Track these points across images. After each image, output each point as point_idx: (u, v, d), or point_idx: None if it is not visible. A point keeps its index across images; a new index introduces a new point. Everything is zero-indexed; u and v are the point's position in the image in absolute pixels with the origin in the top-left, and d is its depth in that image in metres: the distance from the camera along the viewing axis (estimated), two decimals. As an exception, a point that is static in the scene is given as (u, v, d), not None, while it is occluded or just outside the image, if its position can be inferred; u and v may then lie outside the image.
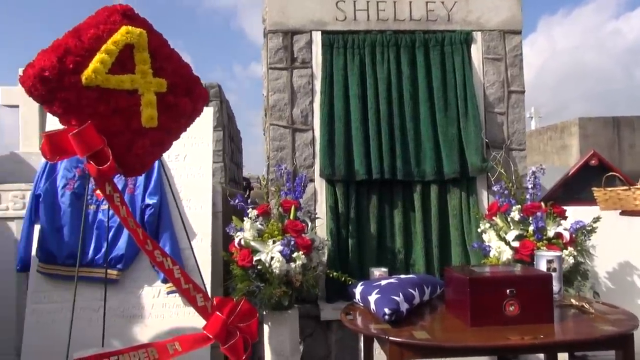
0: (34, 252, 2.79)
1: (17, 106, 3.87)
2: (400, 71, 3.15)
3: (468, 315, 1.81)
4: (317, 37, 3.19)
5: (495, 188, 2.91)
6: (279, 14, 3.18)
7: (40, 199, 2.77)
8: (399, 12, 3.21)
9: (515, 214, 2.74)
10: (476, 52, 3.25)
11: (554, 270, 2.17)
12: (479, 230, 2.91)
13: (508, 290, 1.82)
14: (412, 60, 3.17)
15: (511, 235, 2.72)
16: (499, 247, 2.74)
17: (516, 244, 2.68)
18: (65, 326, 2.63)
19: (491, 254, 2.77)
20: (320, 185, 3.16)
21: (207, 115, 3.06)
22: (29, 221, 2.84)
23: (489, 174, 3.17)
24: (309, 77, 3.19)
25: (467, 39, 3.23)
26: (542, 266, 2.19)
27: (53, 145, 1.60)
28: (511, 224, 2.77)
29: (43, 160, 2.89)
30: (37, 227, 2.82)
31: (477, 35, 3.26)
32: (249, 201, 2.75)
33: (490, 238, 2.81)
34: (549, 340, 1.70)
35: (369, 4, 3.19)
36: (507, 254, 2.69)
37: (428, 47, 3.19)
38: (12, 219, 3.09)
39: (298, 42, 3.20)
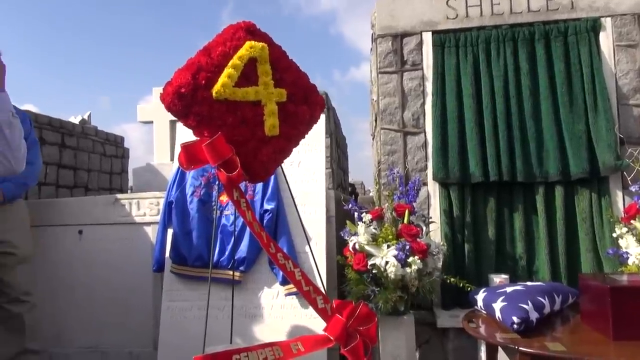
0: (167, 254, 3.06)
1: (151, 122, 4.30)
2: (518, 67, 2.99)
3: (610, 328, 1.65)
4: (427, 38, 3.14)
5: (633, 188, 2.63)
6: (387, 17, 3.18)
7: (173, 206, 3.02)
8: (515, 5, 3.05)
9: (659, 217, 2.46)
10: (605, 39, 2.97)
11: None
12: (614, 235, 2.64)
13: (658, 302, 1.63)
14: (531, 54, 2.99)
15: (655, 240, 2.44)
16: (639, 253, 2.47)
17: (661, 250, 2.39)
18: (195, 322, 2.85)
19: (630, 262, 2.50)
20: (433, 189, 3.09)
21: (320, 123, 3.11)
22: (162, 226, 3.11)
23: (624, 173, 2.87)
24: (420, 79, 3.15)
25: (594, 27, 2.96)
26: (698, 276, 1.93)
27: (189, 155, 1.74)
28: (654, 228, 2.48)
29: (174, 170, 3.16)
30: (169, 231, 3.08)
31: (607, 22, 2.98)
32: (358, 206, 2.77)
33: (628, 244, 2.55)
34: None
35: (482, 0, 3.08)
36: (649, 262, 2.41)
37: (549, 38, 2.98)
38: (148, 224, 3.40)
39: (408, 45, 3.16)
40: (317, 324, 2.39)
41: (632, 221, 2.58)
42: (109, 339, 3.34)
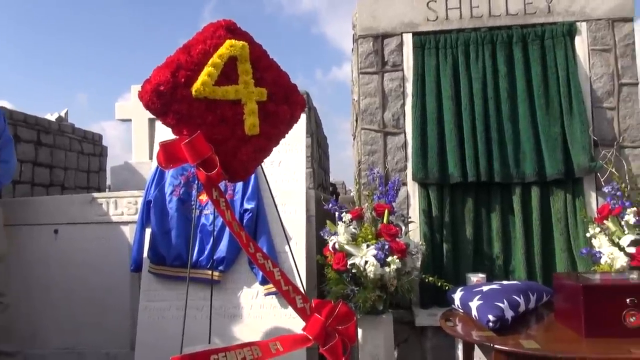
0: (145, 253, 3.02)
1: (129, 120, 4.25)
2: (496, 69, 3.03)
3: (582, 326, 1.69)
4: (408, 39, 3.16)
5: (606, 189, 2.70)
6: (369, 18, 3.19)
7: (151, 205, 2.99)
8: (494, 8, 3.09)
9: (630, 217, 2.52)
10: (581, 44, 3.04)
11: (681, 279, 1.96)
12: (588, 235, 2.71)
13: (628, 300, 1.68)
14: (509, 57, 3.03)
15: (626, 240, 2.50)
16: (611, 253, 2.53)
17: (632, 249, 2.46)
18: (173, 323, 2.83)
19: (602, 261, 2.56)
20: (412, 189, 3.12)
21: (300, 122, 3.12)
22: (141, 225, 3.07)
23: (597, 174, 2.94)
24: (400, 80, 3.17)
25: (570, 31, 3.02)
26: (667, 274, 2.00)
27: (167, 154, 1.73)
28: (626, 228, 2.55)
29: (153, 169, 3.12)
30: (147, 231, 3.05)
31: (582, 26, 3.04)
32: (338, 206, 2.78)
33: (601, 243, 2.61)
34: (680, 356, 1.54)
35: (461, 2, 3.10)
36: (621, 261, 2.48)
37: (526, 42, 3.03)
38: (126, 223, 3.36)
39: (389, 46, 3.19)
40: (296, 324, 2.39)
41: (604, 221, 2.64)
42: (85, 339, 3.30)
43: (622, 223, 2.56)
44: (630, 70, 3.02)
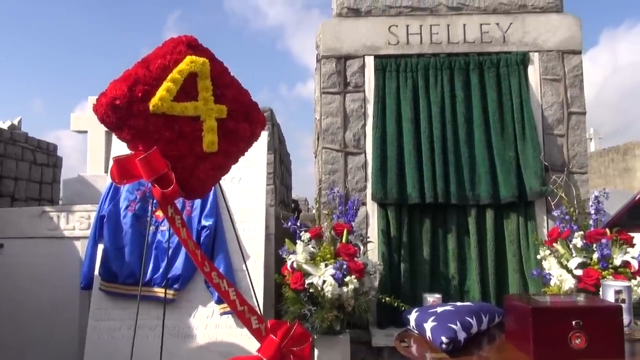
0: (96, 270, 2.92)
1: (85, 132, 4.15)
2: (454, 94, 3.12)
3: (531, 347, 1.73)
4: (369, 61, 3.22)
5: (555, 213, 2.80)
6: (332, 39, 3.24)
7: (105, 220, 2.90)
8: (452, 35, 3.20)
9: (577, 241, 2.62)
10: (533, 73, 3.18)
11: (623, 301, 2.05)
12: (538, 257, 2.79)
13: (574, 322, 1.73)
14: (466, 83, 3.14)
15: (573, 262, 2.59)
16: (560, 275, 2.61)
17: (579, 272, 2.55)
18: (123, 343, 2.73)
19: (552, 283, 2.64)
20: (372, 209, 3.15)
21: (262, 140, 3.11)
22: (93, 241, 2.97)
23: (548, 198, 3.05)
24: (362, 101, 3.22)
25: (523, 60, 3.16)
26: (610, 297, 2.07)
27: (121, 169, 1.69)
28: (573, 251, 2.64)
29: (108, 182, 3.04)
30: (100, 247, 2.95)
31: (534, 56, 3.19)
32: (298, 224, 2.77)
33: (550, 265, 2.69)
34: (621, 376, 1.60)
35: (422, 28, 3.20)
36: (569, 283, 2.56)
37: (483, 69, 3.15)
38: (78, 238, 3.24)
39: (351, 67, 3.24)
40: (252, 345, 2.35)
41: (554, 244, 2.73)
42: (31, 357, 3.14)
43: (571, 246, 2.65)
44: (578, 99, 3.18)
